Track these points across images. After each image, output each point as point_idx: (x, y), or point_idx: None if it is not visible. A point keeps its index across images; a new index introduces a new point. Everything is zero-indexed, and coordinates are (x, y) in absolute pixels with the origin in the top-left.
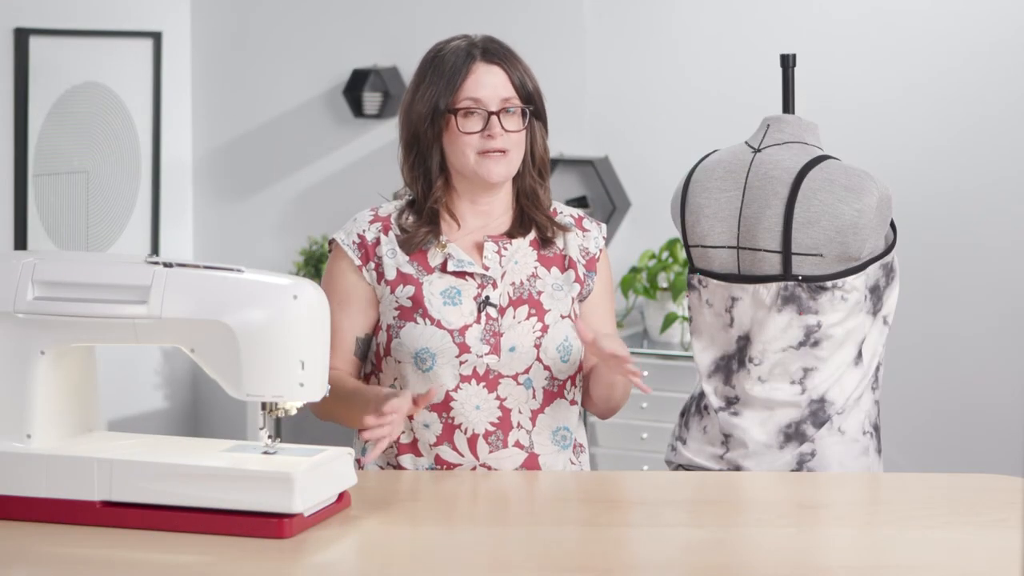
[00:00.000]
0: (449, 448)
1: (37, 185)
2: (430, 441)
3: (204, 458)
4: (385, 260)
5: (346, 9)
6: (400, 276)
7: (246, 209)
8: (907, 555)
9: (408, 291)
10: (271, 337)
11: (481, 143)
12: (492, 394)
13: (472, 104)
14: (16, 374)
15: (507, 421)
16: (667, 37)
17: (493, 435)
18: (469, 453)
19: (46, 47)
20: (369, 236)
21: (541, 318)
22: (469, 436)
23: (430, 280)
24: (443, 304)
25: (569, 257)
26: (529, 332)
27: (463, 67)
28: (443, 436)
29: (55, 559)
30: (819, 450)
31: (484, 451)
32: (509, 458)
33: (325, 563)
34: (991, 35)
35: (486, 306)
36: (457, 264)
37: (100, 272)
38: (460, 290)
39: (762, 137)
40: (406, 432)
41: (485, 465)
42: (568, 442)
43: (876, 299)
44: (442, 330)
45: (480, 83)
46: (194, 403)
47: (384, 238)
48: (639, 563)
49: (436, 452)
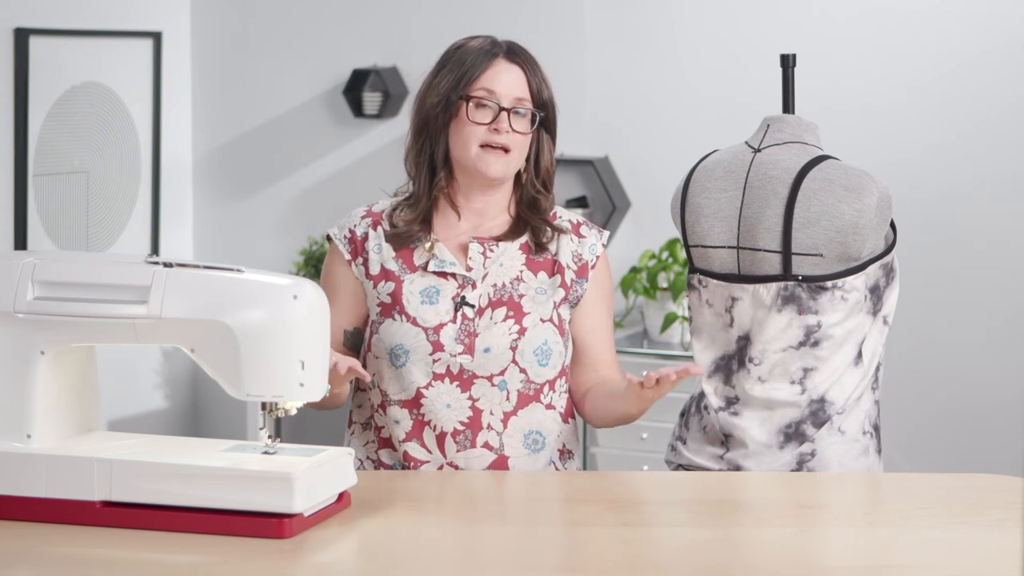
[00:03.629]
0: (417, 444)
1: (37, 185)
2: (399, 437)
3: (204, 458)
4: (371, 255)
5: (346, 9)
6: (383, 272)
7: (246, 209)
8: (907, 555)
9: (388, 287)
10: (271, 337)
11: (486, 136)
12: (465, 394)
13: (486, 95)
14: (16, 374)
15: (477, 421)
16: (667, 37)
17: (461, 434)
18: (437, 450)
19: (46, 47)
20: (359, 231)
21: (519, 320)
22: (437, 434)
23: (411, 279)
24: (420, 302)
25: (559, 262)
26: (505, 334)
27: (485, 59)
28: (412, 432)
29: (55, 559)
30: (819, 450)
31: (452, 449)
32: (477, 458)
33: (325, 563)
34: (991, 35)
35: (462, 306)
36: (438, 264)
37: (100, 272)
38: (439, 289)
39: (762, 137)
40: (385, 427)
41: (452, 464)
42: (540, 446)
43: (876, 299)
44: (417, 327)
45: (498, 77)
46: (194, 403)
47: (372, 233)
48: (639, 563)
49: (405, 448)
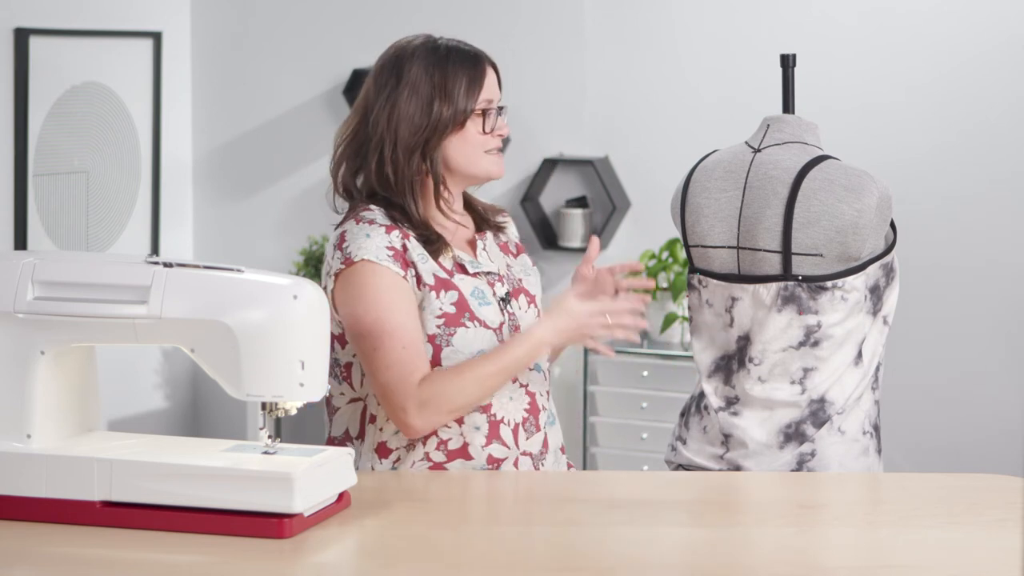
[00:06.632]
0: (498, 444)
1: (37, 185)
2: (481, 443)
3: (204, 458)
4: (419, 265)
5: (346, 9)
6: (439, 281)
7: (246, 209)
8: (907, 555)
9: (452, 296)
10: (271, 337)
11: (492, 143)
12: (516, 383)
13: (487, 105)
14: (16, 374)
15: (535, 406)
16: (667, 37)
17: (528, 421)
18: (513, 444)
19: (46, 47)
20: (397, 245)
21: (534, 303)
22: (512, 428)
23: (458, 283)
24: (479, 305)
25: (515, 243)
26: (534, 318)
27: (478, 70)
28: (491, 434)
29: (55, 559)
30: (819, 450)
31: (523, 439)
32: (538, 441)
33: (325, 563)
34: (991, 36)
35: (507, 302)
36: (472, 265)
37: (100, 272)
38: (483, 290)
39: (762, 137)
40: (455, 438)
41: (527, 453)
42: (553, 420)
43: (876, 299)
44: (488, 330)
45: (491, 84)
46: (194, 403)
47: (409, 244)
48: (639, 563)
49: (488, 452)
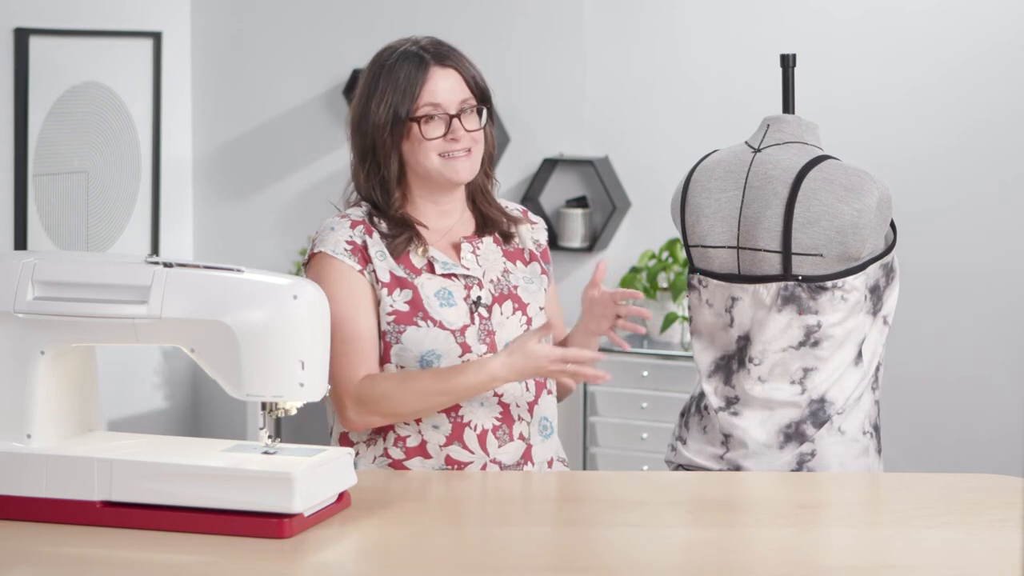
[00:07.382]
0: (459, 447)
1: (37, 185)
2: (440, 442)
3: (204, 458)
4: (376, 263)
5: (346, 10)
6: (395, 279)
7: (246, 209)
8: (907, 555)
9: (406, 295)
10: (271, 337)
11: (445, 146)
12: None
13: (432, 110)
14: (16, 374)
15: (508, 415)
16: (667, 37)
17: (500, 429)
18: (479, 449)
19: (46, 47)
20: (357, 240)
21: (524, 311)
22: (479, 432)
23: (421, 282)
24: (440, 305)
25: (528, 250)
26: (517, 327)
27: (419, 74)
28: (453, 436)
29: (55, 559)
30: (819, 450)
31: (494, 446)
32: (514, 451)
33: (325, 563)
34: (991, 35)
35: (479, 306)
36: (443, 267)
37: (100, 272)
38: (451, 291)
39: (762, 137)
40: (413, 435)
41: (496, 461)
42: (549, 432)
43: (876, 299)
44: (445, 331)
45: (438, 88)
46: (194, 403)
47: (370, 240)
48: (639, 563)
49: (446, 453)
